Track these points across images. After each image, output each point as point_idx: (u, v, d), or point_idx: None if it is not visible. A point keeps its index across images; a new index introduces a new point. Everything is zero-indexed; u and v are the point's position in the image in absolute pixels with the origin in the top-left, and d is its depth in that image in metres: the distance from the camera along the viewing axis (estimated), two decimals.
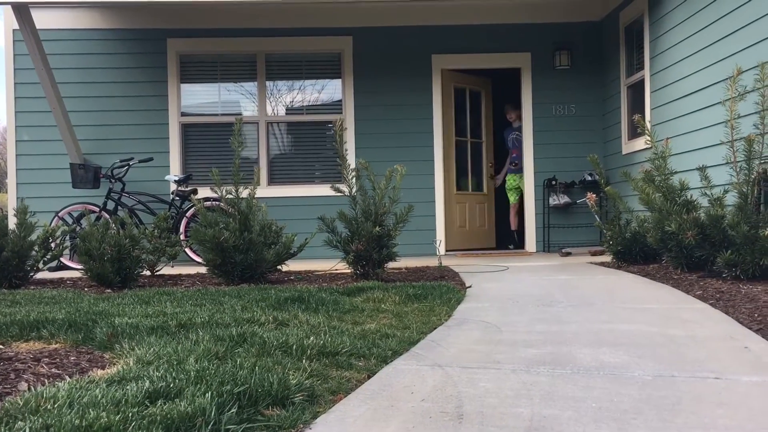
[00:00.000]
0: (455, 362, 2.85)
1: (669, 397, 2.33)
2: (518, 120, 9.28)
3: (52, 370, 2.67)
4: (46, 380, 2.50)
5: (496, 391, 2.43)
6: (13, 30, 8.27)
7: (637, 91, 7.86)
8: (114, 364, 2.77)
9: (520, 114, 9.21)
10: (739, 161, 4.86)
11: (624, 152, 8.09)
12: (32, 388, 2.32)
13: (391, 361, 2.89)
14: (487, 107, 9.75)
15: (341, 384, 2.53)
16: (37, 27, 7.62)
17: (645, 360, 2.83)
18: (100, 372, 2.60)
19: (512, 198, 9.38)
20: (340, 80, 8.92)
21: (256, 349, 2.87)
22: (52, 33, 8.37)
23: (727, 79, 5.14)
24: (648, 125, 7.14)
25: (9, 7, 7.66)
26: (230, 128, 5.94)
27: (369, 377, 2.65)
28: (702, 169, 5.13)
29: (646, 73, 7.47)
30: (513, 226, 9.42)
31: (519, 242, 9.30)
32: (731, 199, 4.93)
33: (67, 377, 2.53)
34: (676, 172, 5.65)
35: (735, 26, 5.66)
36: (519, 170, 9.21)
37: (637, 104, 7.81)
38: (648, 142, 5.89)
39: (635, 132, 7.51)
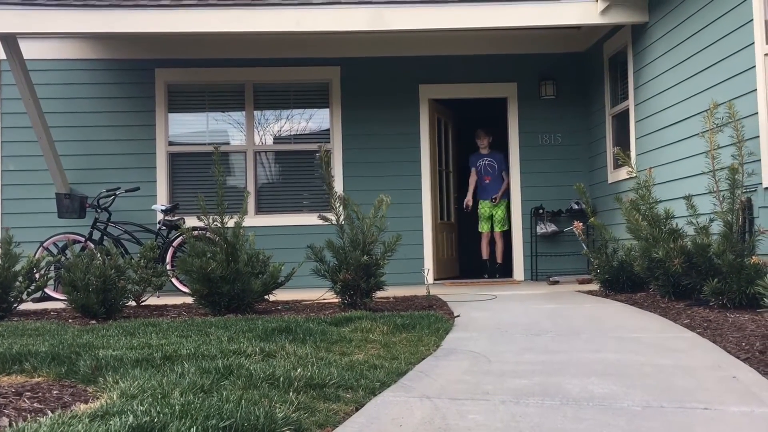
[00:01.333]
0: (444, 393, 2.83)
1: (658, 428, 2.32)
2: (488, 147, 9.28)
3: (35, 404, 2.63)
4: (28, 415, 2.45)
5: (485, 423, 2.40)
6: (1, 60, 8.28)
7: (621, 120, 7.96)
8: (97, 398, 2.72)
9: (491, 141, 9.24)
10: (722, 190, 4.92)
11: (610, 181, 8.16)
12: (14, 424, 2.27)
13: (380, 392, 2.86)
14: (453, 137, 9.85)
15: (329, 417, 2.50)
16: (25, 57, 7.64)
17: (634, 390, 2.82)
18: (83, 406, 2.55)
19: (485, 226, 9.16)
20: (328, 110, 8.97)
21: (243, 381, 2.84)
22: (40, 63, 8.39)
23: (705, 111, 5.22)
24: (632, 155, 7.23)
25: None
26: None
27: (357, 409, 2.62)
28: (687, 198, 5.18)
29: (631, 103, 7.57)
30: (485, 255, 9.21)
31: (493, 272, 9.14)
32: (716, 227, 4.97)
33: (49, 412, 2.49)
34: (660, 201, 5.70)
35: (712, 60, 5.77)
36: (491, 196, 9.10)
37: (622, 134, 7.90)
38: (630, 173, 5.96)
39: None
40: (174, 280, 7.48)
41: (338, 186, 8.41)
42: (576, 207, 8.52)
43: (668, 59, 6.63)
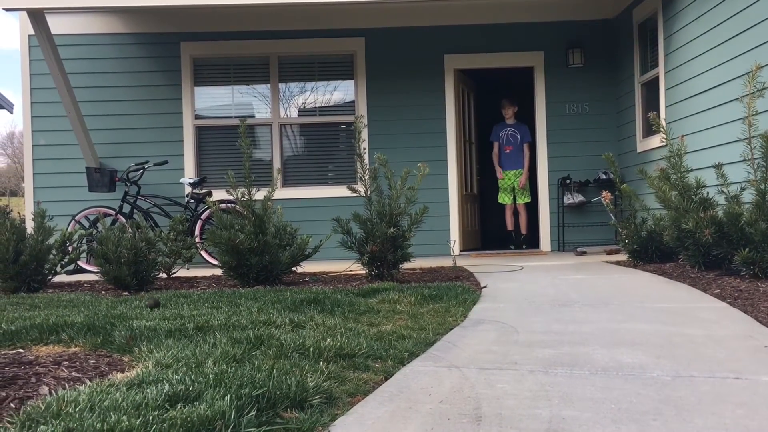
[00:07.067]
0: (472, 363, 2.85)
1: (688, 397, 2.32)
2: (513, 117, 9.14)
3: (73, 373, 2.70)
4: (66, 384, 2.52)
5: (513, 392, 2.42)
6: (29, 36, 8.36)
7: (651, 88, 7.81)
8: (133, 367, 2.78)
9: (516, 111, 9.11)
10: (756, 158, 4.82)
11: (638, 150, 8.04)
12: (53, 392, 2.34)
13: (408, 362, 2.89)
14: (476, 108, 9.74)
15: (359, 386, 2.53)
16: (52, 32, 7.69)
17: (663, 360, 2.81)
18: (119, 375, 2.61)
19: (507, 198, 9.10)
20: (352, 81, 8.93)
21: (274, 351, 2.88)
22: (67, 38, 8.44)
23: (743, 75, 5.10)
24: (663, 123, 7.10)
25: (25, 12, 7.74)
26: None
27: (386, 379, 2.65)
28: (718, 167, 5.09)
29: (661, 70, 7.42)
30: (509, 226, 9.17)
31: (519, 243, 9.10)
32: (748, 196, 4.89)
33: (87, 381, 2.55)
34: (692, 170, 5.61)
35: (749, 23, 5.61)
36: (511, 167, 9.02)
37: (651, 102, 7.76)
38: (663, 140, 5.86)
39: (650, 130, 7.46)
40: (203, 253, 7.58)
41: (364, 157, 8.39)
42: (604, 177, 8.43)
43: (700, 24, 6.47)
